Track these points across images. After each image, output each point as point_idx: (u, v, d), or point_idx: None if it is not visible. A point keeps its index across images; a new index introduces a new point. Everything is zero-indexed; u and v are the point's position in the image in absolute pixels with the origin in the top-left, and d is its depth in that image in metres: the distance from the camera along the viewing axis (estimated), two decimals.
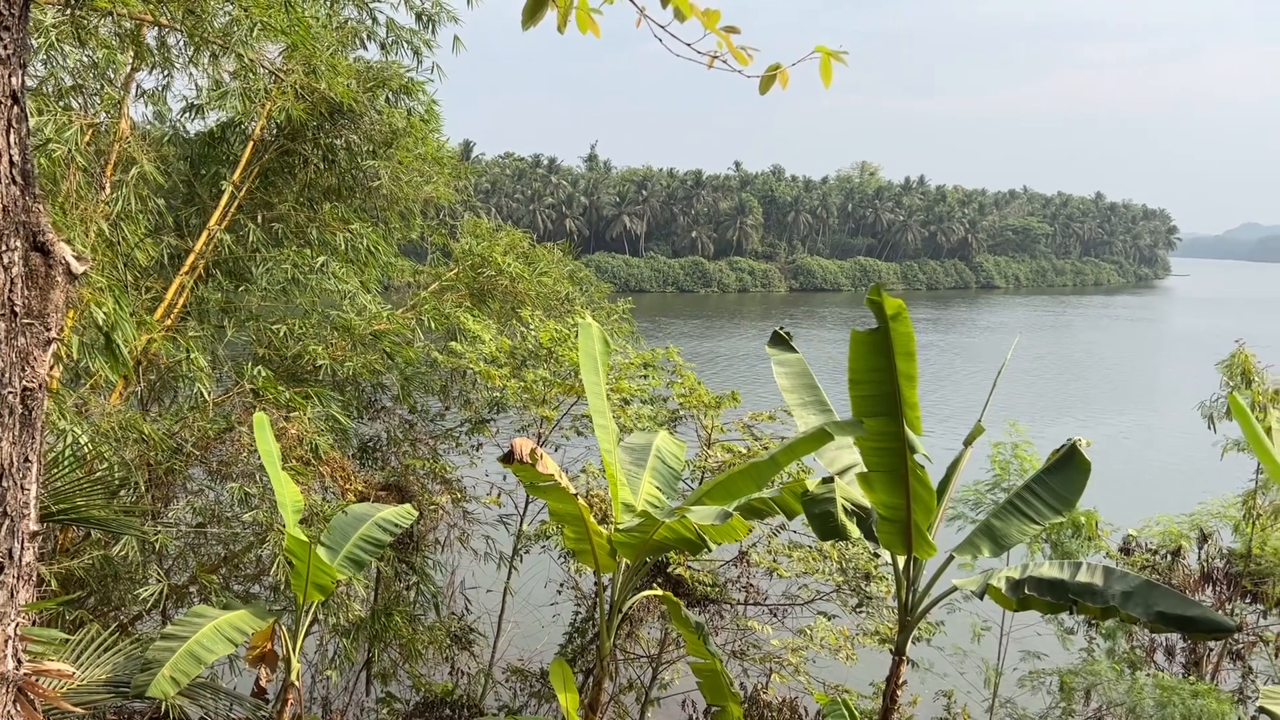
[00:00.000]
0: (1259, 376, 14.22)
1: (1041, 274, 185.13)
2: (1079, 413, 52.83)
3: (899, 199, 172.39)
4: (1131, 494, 29.37)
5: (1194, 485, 18.01)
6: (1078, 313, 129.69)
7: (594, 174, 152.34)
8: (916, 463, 8.69)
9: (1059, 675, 13.03)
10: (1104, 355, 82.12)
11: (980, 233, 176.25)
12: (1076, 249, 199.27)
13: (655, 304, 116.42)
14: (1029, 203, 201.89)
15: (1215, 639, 12.22)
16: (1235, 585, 13.65)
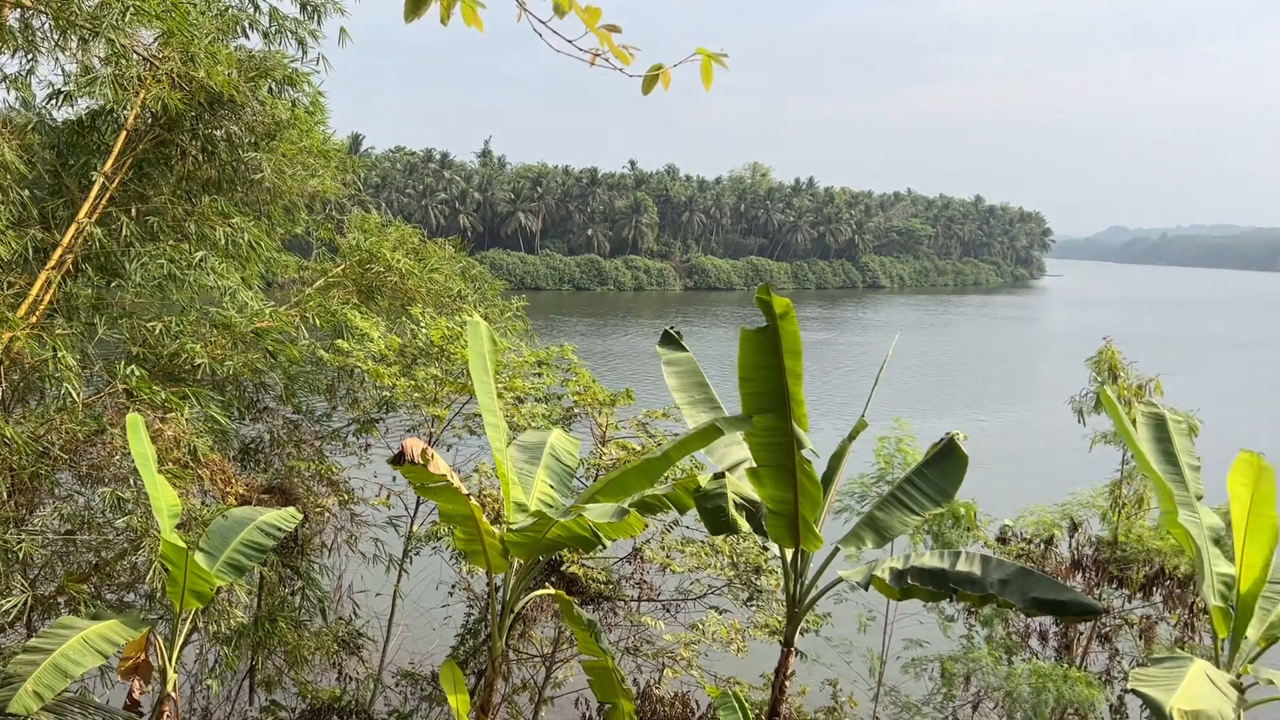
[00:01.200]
0: (1124, 372, 14.98)
1: (924, 274, 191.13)
2: (959, 407, 54.73)
3: (789, 200, 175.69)
4: (1008, 485, 30.58)
5: (1065, 476, 18.84)
6: (958, 311, 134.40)
7: (488, 170, 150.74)
8: (804, 458, 8.88)
9: (940, 662, 13.46)
10: (983, 352, 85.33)
11: (866, 234, 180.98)
12: (957, 250, 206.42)
13: (551, 302, 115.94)
14: (912, 205, 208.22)
15: (1085, 621, 12.81)
16: (1103, 571, 14.34)
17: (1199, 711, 6.50)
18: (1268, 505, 8.30)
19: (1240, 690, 7.66)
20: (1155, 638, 14.04)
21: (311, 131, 14.08)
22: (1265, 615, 8.44)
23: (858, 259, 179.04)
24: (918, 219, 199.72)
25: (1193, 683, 6.85)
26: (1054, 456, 36.25)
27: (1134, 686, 6.83)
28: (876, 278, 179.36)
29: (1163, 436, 9.19)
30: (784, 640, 10.00)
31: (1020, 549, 14.96)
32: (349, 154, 16.62)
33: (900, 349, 80.00)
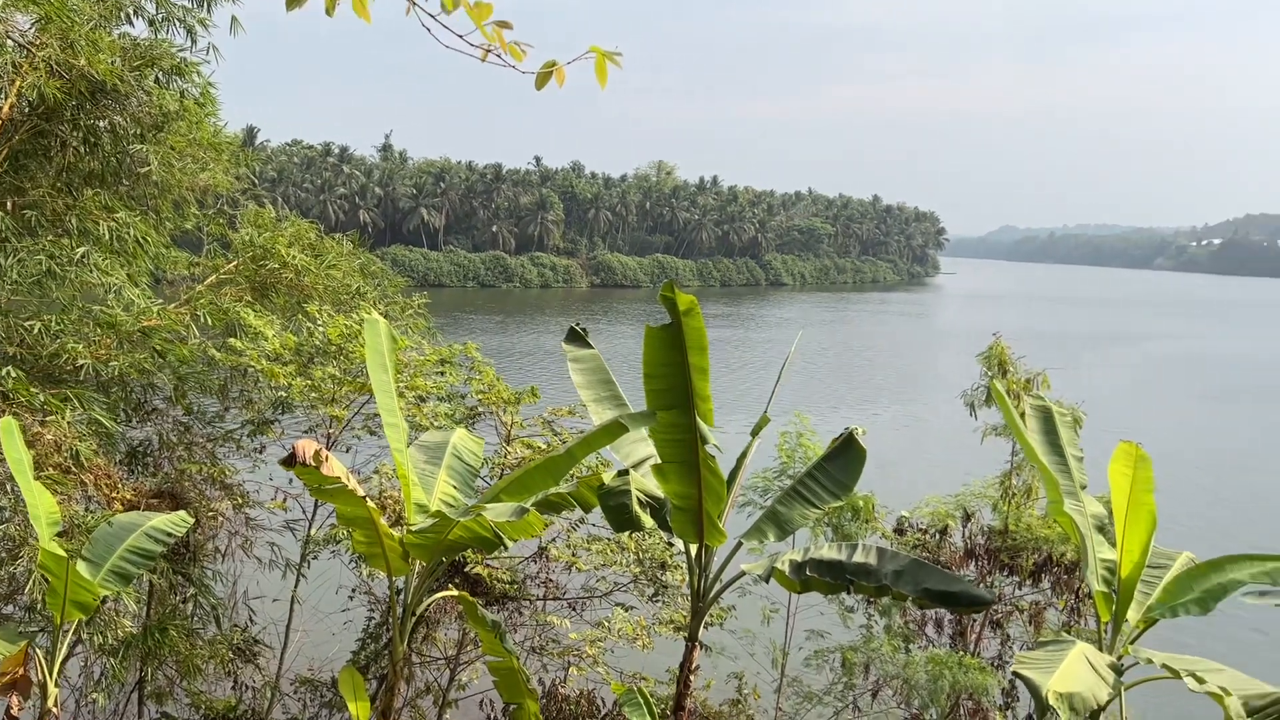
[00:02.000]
0: (1014, 366, 15.52)
1: (825, 272, 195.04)
2: (859, 402, 56.01)
3: (694, 199, 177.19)
4: (905, 477, 31.46)
5: (959, 468, 19.44)
6: (857, 308, 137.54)
7: (389, 164, 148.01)
8: (708, 453, 8.95)
9: (841, 652, 13.75)
10: (881, 348, 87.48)
11: (769, 232, 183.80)
12: (856, 248, 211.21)
13: (455, 299, 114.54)
14: (813, 204, 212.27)
15: (975, 612, 13.22)
16: (994, 559, 14.85)
17: (1074, 693, 6.78)
18: (1146, 493, 8.69)
19: (1119, 671, 8.01)
20: (1044, 622, 14.60)
21: (202, 123, 13.61)
22: (1144, 599, 8.84)
23: (761, 257, 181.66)
24: (818, 218, 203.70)
25: (1072, 665, 7.14)
26: (948, 449, 37.39)
27: (1017, 670, 7.08)
28: (779, 275, 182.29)
29: (1049, 429, 9.55)
30: (689, 635, 10.07)
31: (917, 539, 15.38)
32: (243, 147, 16.12)
33: (802, 345, 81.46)
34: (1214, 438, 49.78)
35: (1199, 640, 20.49)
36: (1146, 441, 9.76)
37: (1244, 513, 34.95)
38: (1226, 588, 8.53)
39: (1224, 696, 7.36)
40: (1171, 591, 8.70)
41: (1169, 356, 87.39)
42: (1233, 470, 42.40)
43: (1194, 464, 41.62)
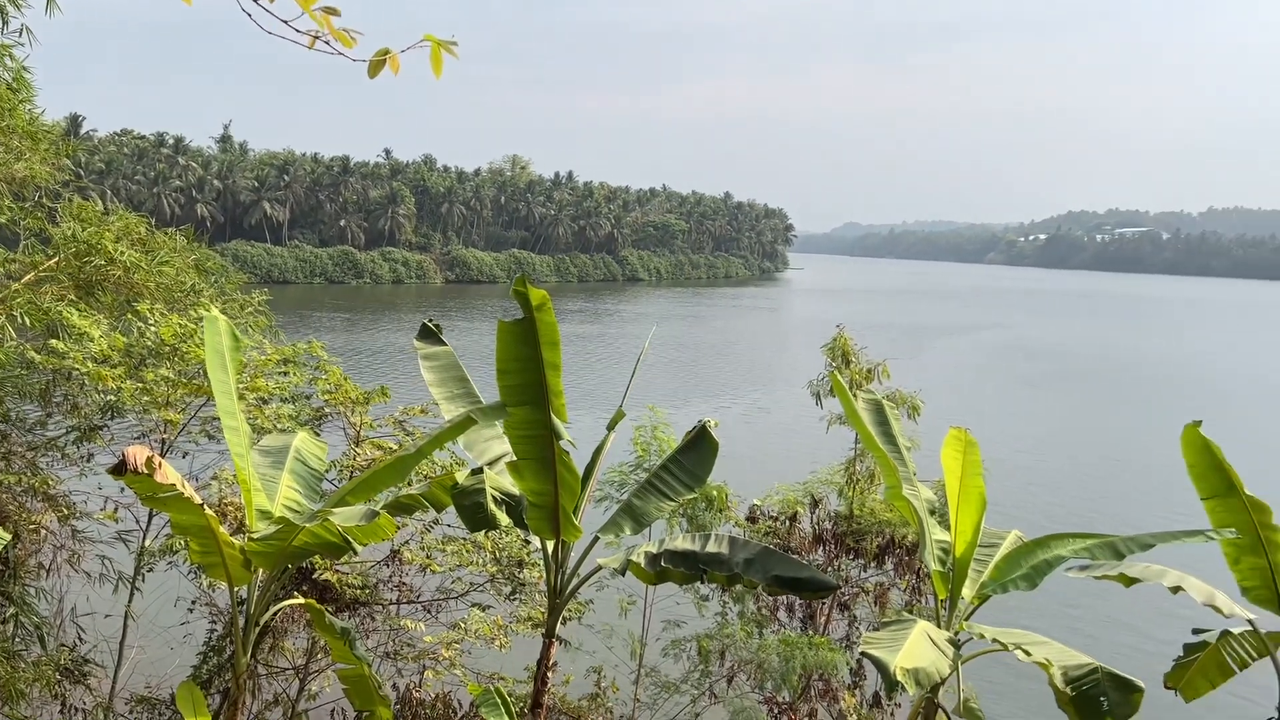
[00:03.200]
0: (856, 357, 16.12)
1: (680, 267, 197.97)
2: (713, 394, 57.11)
3: (550, 194, 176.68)
4: (758, 466, 32.27)
5: (808, 456, 20.07)
6: (711, 303, 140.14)
7: (228, 156, 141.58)
8: (562, 449, 8.94)
9: (697, 640, 13.98)
10: (735, 341, 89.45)
11: (625, 228, 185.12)
12: (709, 244, 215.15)
13: (301, 296, 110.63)
14: (667, 200, 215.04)
15: (822, 597, 13.69)
16: (841, 543, 15.39)
17: (919, 668, 7.10)
18: (975, 476, 9.18)
19: (957, 646, 8.44)
20: (888, 602, 15.23)
21: (15, 110, 12.67)
22: (977, 576, 9.33)
23: (617, 253, 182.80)
24: (672, 214, 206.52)
25: (915, 642, 7.48)
26: (798, 437, 38.57)
27: (865, 650, 7.37)
28: (635, 271, 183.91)
29: (883, 419, 9.96)
30: (546, 631, 10.04)
31: (768, 527, 15.79)
32: (65, 136, 15.08)
33: (657, 340, 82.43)
34: (1033, 421, 53.03)
35: (1029, 615, 21.83)
36: (976, 426, 10.31)
37: (1061, 491, 37.39)
38: (1051, 563, 9.07)
39: (1048, 666, 7.86)
40: (1002, 569, 9.20)
41: (997, 345, 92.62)
42: (1050, 451, 45.26)
43: (1017, 446, 44.24)
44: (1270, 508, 9.40)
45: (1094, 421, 54.22)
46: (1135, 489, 37.21)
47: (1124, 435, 49.51)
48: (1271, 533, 9.34)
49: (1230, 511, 9.41)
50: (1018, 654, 8.29)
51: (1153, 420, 52.09)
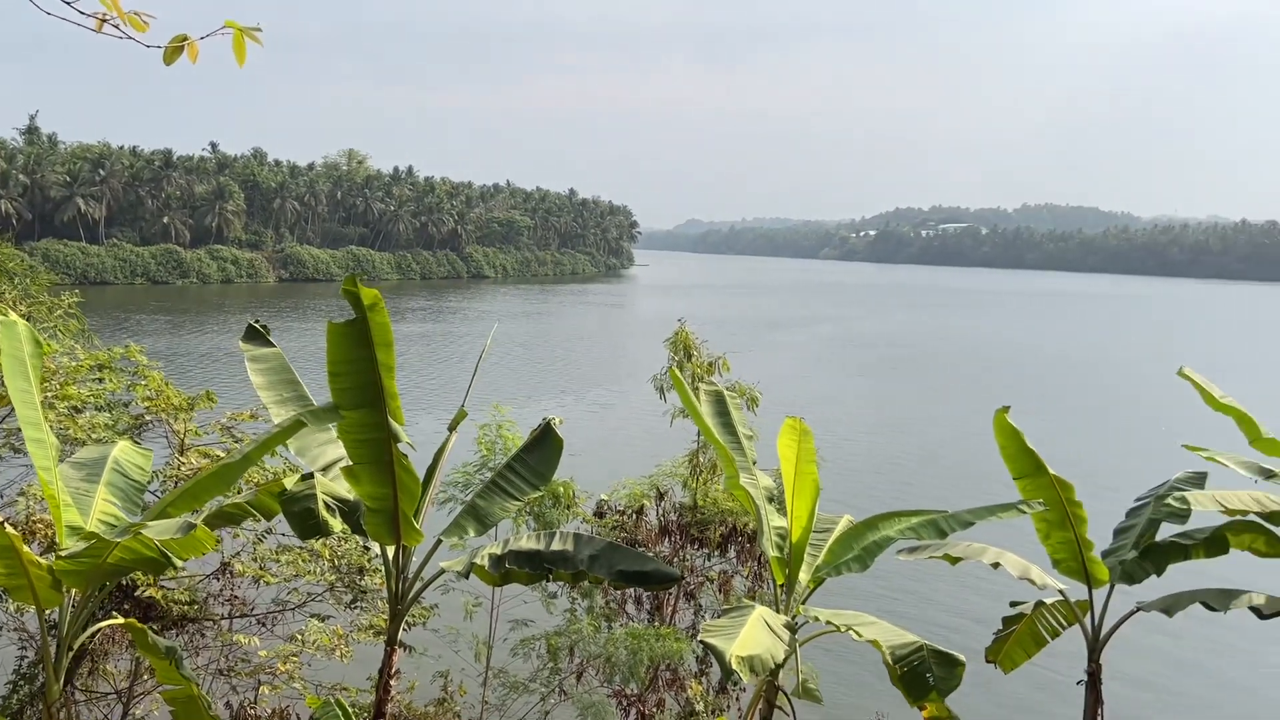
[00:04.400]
0: (697, 351, 16.41)
1: (526, 264, 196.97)
2: (561, 391, 57.10)
3: (389, 189, 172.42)
4: (606, 461, 32.43)
5: (654, 449, 20.28)
6: (558, 300, 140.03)
7: (36, 149, 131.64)
8: (400, 452, 8.73)
9: (546, 639, 13.93)
10: (582, 338, 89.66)
11: (469, 224, 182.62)
12: (555, 241, 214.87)
13: (121, 298, 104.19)
14: (512, 197, 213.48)
15: (666, 588, 13.91)
16: (686, 534, 15.66)
17: (754, 655, 7.29)
18: (810, 463, 9.49)
19: (794, 630, 8.71)
20: (731, 589, 15.59)
21: None
22: (813, 560, 9.65)
23: (461, 249, 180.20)
24: (517, 210, 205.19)
25: (752, 629, 7.67)
26: (645, 431, 38.99)
27: (703, 639, 7.50)
28: (480, 268, 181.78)
29: (722, 411, 10.18)
30: (388, 639, 9.80)
31: (615, 521, 15.90)
32: None
33: (502, 338, 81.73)
34: (865, 408, 55.44)
35: (873, 597, 22.80)
36: (812, 415, 10.68)
37: (890, 475, 39.22)
38: (880, 544, 9.46)
39: (879, 645, 8.22)
40: (835, 552, 9.55)
41: (832, 337, 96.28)
42: (880, 437, 47.41)
43: (850, 433, 46.15)
44: (1073, 485, 10.11)
45: (921, 407, 57.07)
46: (958, 471, 39.34)
47: (948, 420, 52.28)
48: (1076, 508, 10.05)
49: (1039, 490, 10.07)
50: (851, 635, 8.64)
51: (973, 405, 55.22)
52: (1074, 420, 52.11)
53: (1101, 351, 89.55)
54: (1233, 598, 9.69)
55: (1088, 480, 27.56)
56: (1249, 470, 10.75)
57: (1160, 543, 10.44)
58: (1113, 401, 59.56)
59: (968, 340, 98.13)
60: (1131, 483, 11.84)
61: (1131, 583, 10.35)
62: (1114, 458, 41.92)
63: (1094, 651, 10.37)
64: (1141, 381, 67.43)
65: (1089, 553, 10.19)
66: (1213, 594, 9.79)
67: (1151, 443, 44.41)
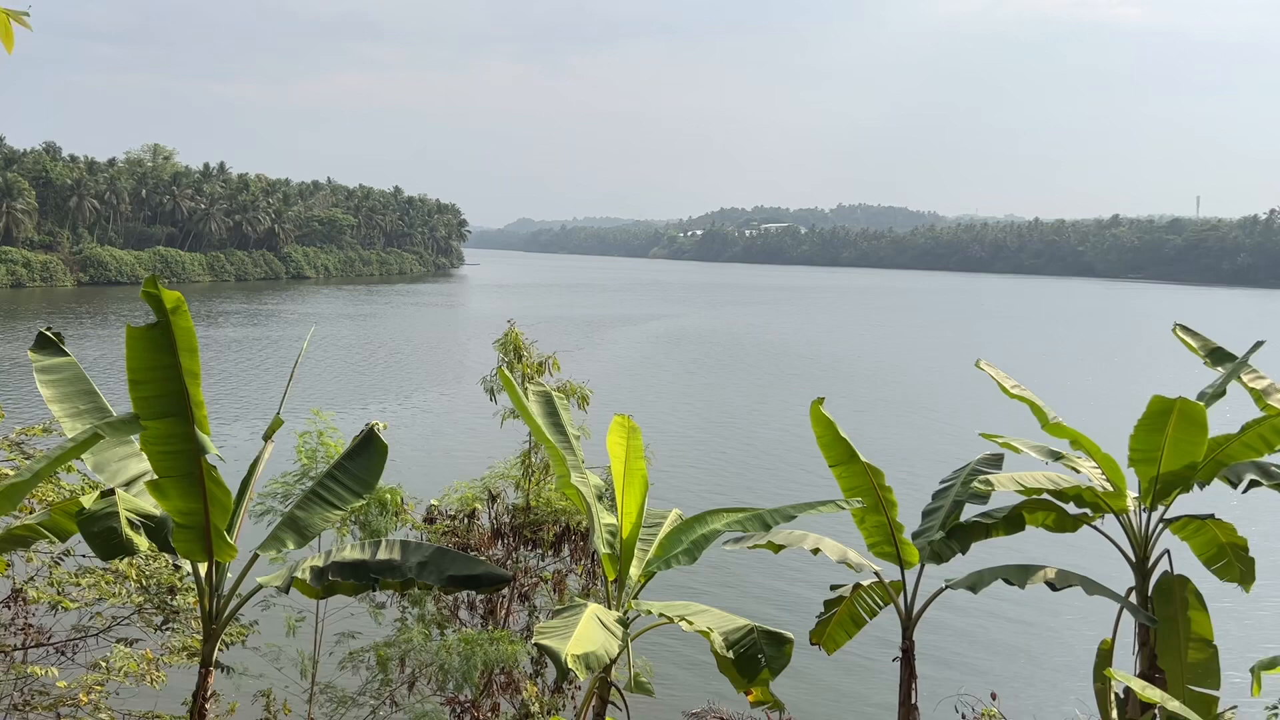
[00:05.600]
0: (527, 351, 16.32)
1: (350, 264, 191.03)
2: (390, 395, 55.67)
3: (199, 186, 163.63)
4: (438, 465, 31.88)
5: (486, 451, 20.08)
6: (385, 301, 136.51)
7: None
8: (210, 463, 8.29)
9: (375, 650, 13.55)
10: (412, 339, 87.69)
11: (287, 223, 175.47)
12: (381, 240, 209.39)
13: None
14: (333, 194, 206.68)
15: (498, 590, 13.80)
16: (519, 535, 15.57)
17: (589, 653, 7.32)
18: (638, 459, 9.61)
19: (626, 624, 8.79)
20: (566, 589, 15.61)
21: None
22: (643, 555, 9.77)
23: (279, 249, 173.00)
24: (339, 209, 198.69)
25: (586, 627, 7.70)
26: (477, 434, 38.51)
27: (537, 640, 7.48)
28: (301, 268, 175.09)
29: (552, 411, 10.17)
30: (202, 661, 9.29)
31: (446, 526, 15.64)
32: None
33: (325, 341, 79.04)
34: (694, 403, 56.71)
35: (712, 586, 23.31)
36: (642, 411, 10.83)
37: (718, 468, 40.26)
38: (709, 537, 9.69)
39: (709, 633, 8.41)
40: (665, 546, 9.70)
41: (662, 334, 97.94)
42: (708, 431, 48.61)
43: (680, 428, 47.10)
44: (883, 471, 10.65)
45: (747, 401, 58.82)
46: (783, 461, 40.75)
47: (773, 412, 54.09)
48: (887, 493, 10.59)
49: (854, 476, 10.56)
50: (682, 624, 8.80)
51: (795, 397, 57.35)
52: (886, 409, 54.92)
53: (911, 344, 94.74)
54: (1030, 573, 10.43)
55: (899, 466, 29.11)
56: (1040, 453, 11.60)
57: (964, 523, 11.14)
58: (922, 391, 63.11)
59: (789, 336, 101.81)
60: (942, 468, 12.58)
61: (940, 562, 10.98)
62: (925, 444, 44.41)
63: (907, 629, 10.94)
64: (948, 372, 71.75)
65: (900, 535, 10.75)
66: (1012, 570, 10.51)
67: (958, 429, 47.31)
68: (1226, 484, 11.72)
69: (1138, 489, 11.19)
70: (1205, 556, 11.56)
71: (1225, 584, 11.70)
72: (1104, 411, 48.37)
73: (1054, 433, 11.16)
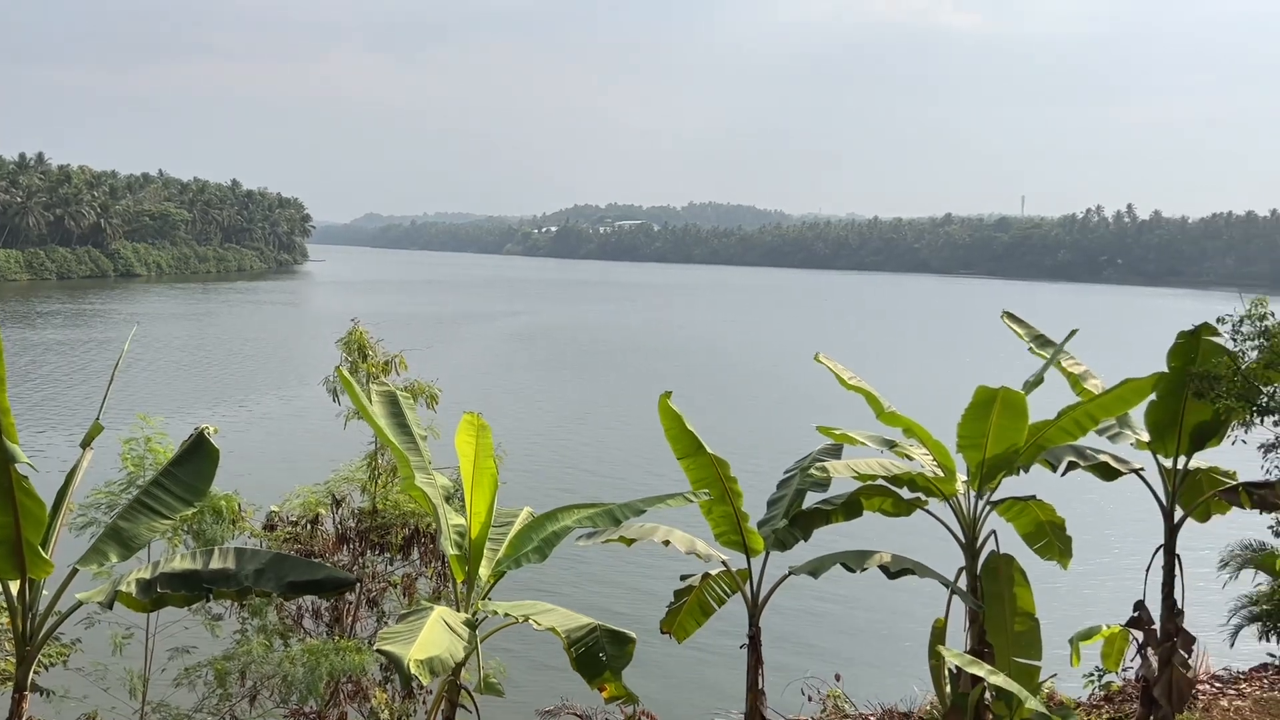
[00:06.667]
0: (373, 350, 15.90)
1: (185, 261, 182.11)
2: (229, 398, 53.33)
3: (14, 178, 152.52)
4: (279, 469, 30.71)
5: (331, 454, 19.43)
6: (222, 299, 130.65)
7: None
8: (20, 474, 7.76)
9: (213, 664, 12.95)
10: (252, 339, 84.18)
11: (115, 218, 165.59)
12: (218, 235, 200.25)
13: None
14: (165, 188, 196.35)
15: (341, 594, 13.41)
16: (365, 539, 15.15)
17: (434, 657, 7.20)
18: (488, 458, 9.49)
19: (474, 626, 8.68)
20: (416, 593, 15.29)
21: None
22: (492, 555, 9.65)
23: (107, 245, 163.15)
24: (171, 203, 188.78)
25: (431, 631, 7.56)
26: (321, 436, 37.24)
27: (379, 647, 7.30)
28: (131, 266, 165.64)
29: (396, 411, 9.95)
30: (15, 685, 8.68)
31: (288, 533, 15.08)
32: None
33: (156, 342, 75.13)
34: (549, 400, 56.66)
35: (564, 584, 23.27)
36: (496, 409, 10.72)
37: (574, 463, 40.35)
38: (559, 534, 9.65)
39: (557, 631, 8.41)
40: (515, 545, 9.62)
41: (517, 331, 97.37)
42: (563, 426, 48.64)
43: (534, 425, 46.94)
44: (729, 462, 10.89)
45: (601, 396, 59.13)
46: (635, 454, 41.10)
47: (626, 406, 54.53)
48: (733, 484, 10.83)
49: (701, 468, 10.76)
50: (531, 624, 8.76)
51: (648, 391, 58.09)
52: (736, 401, 56.22)
53: (758, 338, 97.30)
54: (866, 558, 10.87)
55: (747, 457, 29.82)
56: (876, 442, 12.10)
57: (806, 510, 11.51)
58: (770, 383, 64.88)
59: (643, 332, 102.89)
60: (788, 458, 12.94)
61: (784, 549, 11.32)
62: (772, 434, 45.64)
63: (754, 616, 11.23)
64: (793, 364, 74.04)
65: (745, 524, 11.02)
66: (850, 555, 10.93)
67: (804, 420, 48.81)
68: (1047, 467, 12.53)
69: (966, 473, 11.82)
70: (1028, 535, 12.33)
71: (1046, 561, 12.53)
72: (938, 400, 50.91)
73: (889, 422, 11.66)
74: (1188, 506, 12.55)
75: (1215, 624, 17.86)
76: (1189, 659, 12.83)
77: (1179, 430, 11.93)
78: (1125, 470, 12.43)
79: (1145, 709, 12.76)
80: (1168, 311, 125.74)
